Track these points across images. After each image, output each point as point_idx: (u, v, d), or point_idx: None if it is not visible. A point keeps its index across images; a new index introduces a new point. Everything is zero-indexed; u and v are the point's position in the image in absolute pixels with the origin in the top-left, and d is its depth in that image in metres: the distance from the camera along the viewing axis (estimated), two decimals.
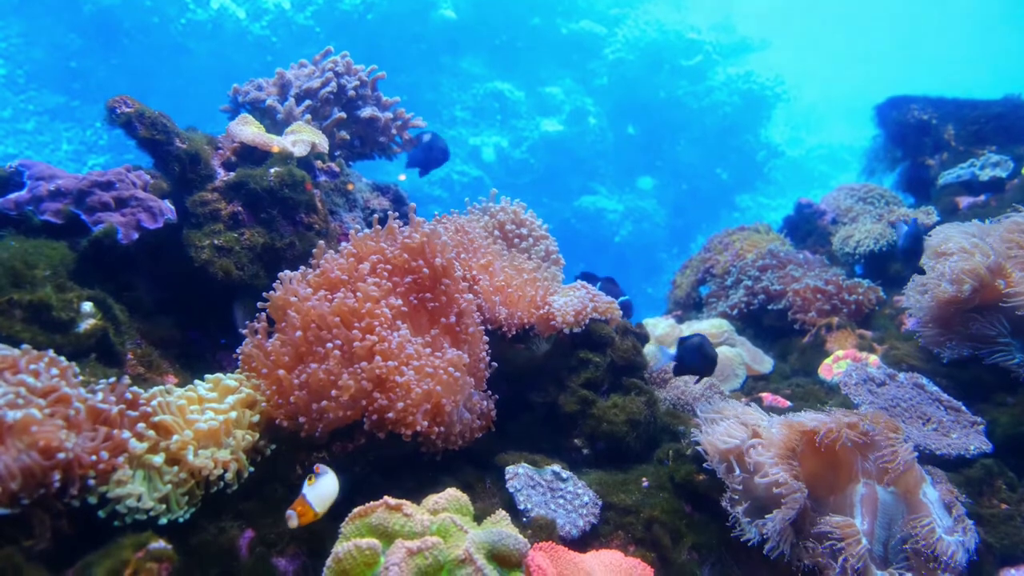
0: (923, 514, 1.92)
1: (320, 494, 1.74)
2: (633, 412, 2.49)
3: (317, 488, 1.75)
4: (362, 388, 2.02)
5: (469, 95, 14.75)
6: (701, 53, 15.50)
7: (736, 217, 15.74)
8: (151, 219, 2.46)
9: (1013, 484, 2.33)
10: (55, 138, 12.31)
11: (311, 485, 1.75)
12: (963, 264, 2.71)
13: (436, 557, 1.53)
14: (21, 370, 1.62)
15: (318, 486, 1.75)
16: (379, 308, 2.16)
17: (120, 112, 2.52)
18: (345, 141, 3.40)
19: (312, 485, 1.75)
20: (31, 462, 1.50)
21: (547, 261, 2.96)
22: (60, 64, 12.45)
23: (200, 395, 2.02)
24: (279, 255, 2.68)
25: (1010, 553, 2.12)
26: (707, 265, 4.52)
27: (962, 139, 4.45)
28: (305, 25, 13.27)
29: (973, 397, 2.76)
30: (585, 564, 1.83)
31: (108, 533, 1.63)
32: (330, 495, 1.76)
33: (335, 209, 3.09)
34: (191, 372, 2.41)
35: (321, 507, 1.73)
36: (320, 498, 1.74)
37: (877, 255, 4.06)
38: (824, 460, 2.07)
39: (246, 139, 2.83)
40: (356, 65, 3.44)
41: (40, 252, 2.19)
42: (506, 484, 2.14)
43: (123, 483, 1.66)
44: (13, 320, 1.95)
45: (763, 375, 3.48)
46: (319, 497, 1.74)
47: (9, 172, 2.42)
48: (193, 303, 2.64)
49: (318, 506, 1.73)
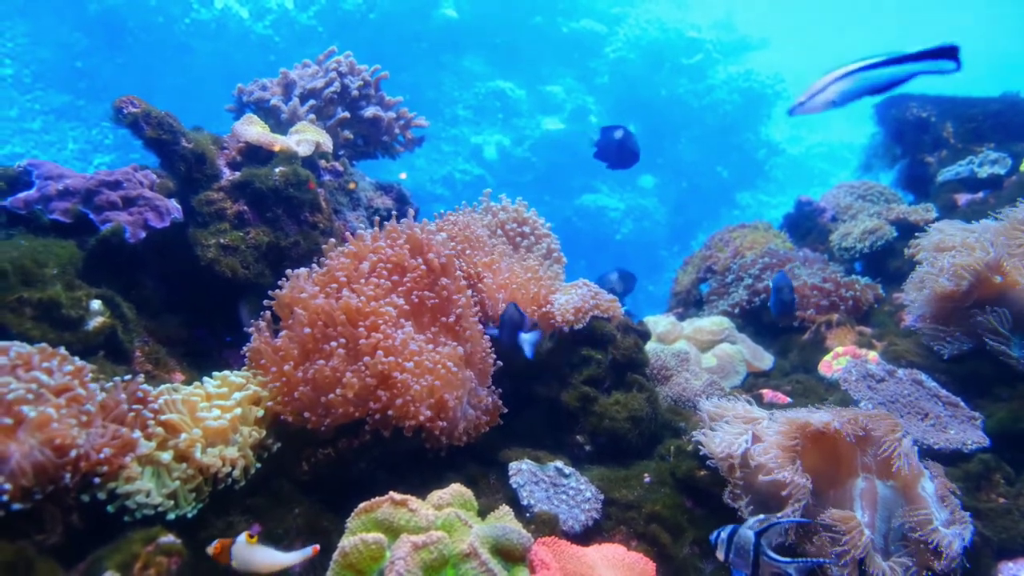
0: (921, 507, 1.94)
1: (245, 558, 1.65)
2: (635, 409, 2.51)
3: (250, 552, 1.65)
4: (366, 385, 2.05)
5: (471, 94, 14.76)
6: (702, 52, 15.50)
7: (737, 215, 15.73)
8: (158, 218, 2.49)
9: (1011, 478, 2.35)
10: (61, 137, 12.33)
11: (249, 543, 1.65)
12: (961, 259, 2.73)
13: (441, 551, 1.55)
14: (35, 367, 1.65)
15: (251, 551, 1.66)
16: (383, 306, 2.19)
17: (127, 112, 2.55)
18: (349, 140, 3.42)
19: (249, 545, 1.65)
20: (44, 459, 1.53)
21: (549, 259, 2.98)
22: (66, 64, 12.48)
23: (208, 392, 2.05)
24: (284, 254, 2.71)
25: (1007, 546, 2.15)
26: (708, 263, 4.54)
27: (961, 136, 4.47)
28: (308, 25, 13.30)
29: (971, 392, 2.78)
30: (587, 558, 1.85)
31: (118, 528, 1.66)
32: (251, 563, 1.66)
33: (339, 208, 3.12)
34: (197, 370, 2.43)
35: (236, 563, 1.65)
36: (241, 559, 1.65)
37: (875, 252, 4.08)
38: (824, 455, 2.09)
39: (251, 139, 2.85)
40: (359, 65, 3.46)
41: (49, 251, 2.22)
42: (509, 480, 2.16)
43: (132, 479, 1.69)
44: (23, 318, 1.98)
45: (763, 372, 3.50)
46: (242, 558, 1.65)
47: (18, 171, 2.45)
48: (199, 301, 2.67)
49: (235, 561, 1.64)
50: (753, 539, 1.69)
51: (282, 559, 1.68)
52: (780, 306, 3.30)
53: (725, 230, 4.79)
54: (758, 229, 4.70)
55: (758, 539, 1.69)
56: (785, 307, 3.31)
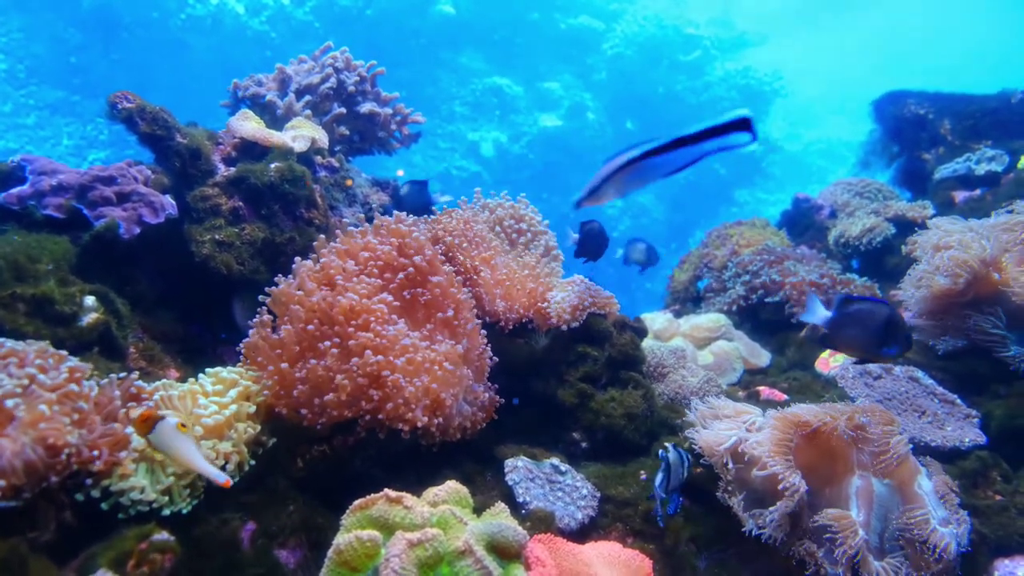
0: (918, 505, 1.94)
1: (167, 440, 1.62)
2: (631, 406, 2.51)
3: (174, 436, 1.63)
4: (359, 385, 2.04)
5: (468, 90, 14.76)
6: (699, 48, 15.53)
7: (734, 212, 15.75)
8: (152, 214, 2.48)
9: (1008, 476, 2.35)
10: (55, 133, 12.31)
11: (179, 429, 1.63)
12: (958, 257, 2.73)
13: (436, 548, 1.55)
14: (28, 363, 1.64)
15: (175, 436, 1.63)
16: (374, 304, 2.18)
17: (121, 108, 2.54)
18: (345, 136, 3.41)
19: (178, 431, 1.63)
20: (36, 457, 1.52)
21: (547, 256, 2.98)
22: (60, 59, 12.45)
23: (204, 388, 2.04)
24: (279, 250, 2.70)
25: (1004, 544, 2.14)
26: (705, 260, 4.53)
27: (958, 133, 4.47)
28: (304, 20, 13.28)
29: (968, 390, 2.78)
30: (584, 555, 1.85)
31: (112, 525, 1.65)
32: (168, 447, 1.63)
33: (335, 204, 3.11)
34: (192, 366, 2.43)
35: (155, 440, 1.63)
36: (162, 439, 1.63)
37: (873, 250, 4.08)
38: (820, 452, 2.09)
39: (246, 134, 2.84)
40: (356, 61, 3.45)
41: (43, 246, 2.21)
42: (505, 477, 2.16)
43: (126, 476, 1.68)
44: (16, 313, 1.97)
45: (761, 369, 3.50)
46: (164, 438, 1.63)
47: (11, 167, 2.44)
48: (194, 297, 2.66)
49: (154, 437, 1.63)
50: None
51: (198, 461, 1.63)
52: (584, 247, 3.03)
53: (722, 227, 4.78)
54: (756, 226, 4.70)
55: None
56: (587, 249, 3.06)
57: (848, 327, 2.19)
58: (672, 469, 1.97)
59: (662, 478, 1.96)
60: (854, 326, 2.18)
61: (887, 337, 2.17)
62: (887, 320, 2.15)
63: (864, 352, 2.25)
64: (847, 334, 2.20)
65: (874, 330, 2.15)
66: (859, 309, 2.19)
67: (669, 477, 1.96)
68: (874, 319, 2.15)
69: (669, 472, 1.97)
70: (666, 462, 1.97)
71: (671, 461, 1.97)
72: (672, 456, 1.98)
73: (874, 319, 2.15)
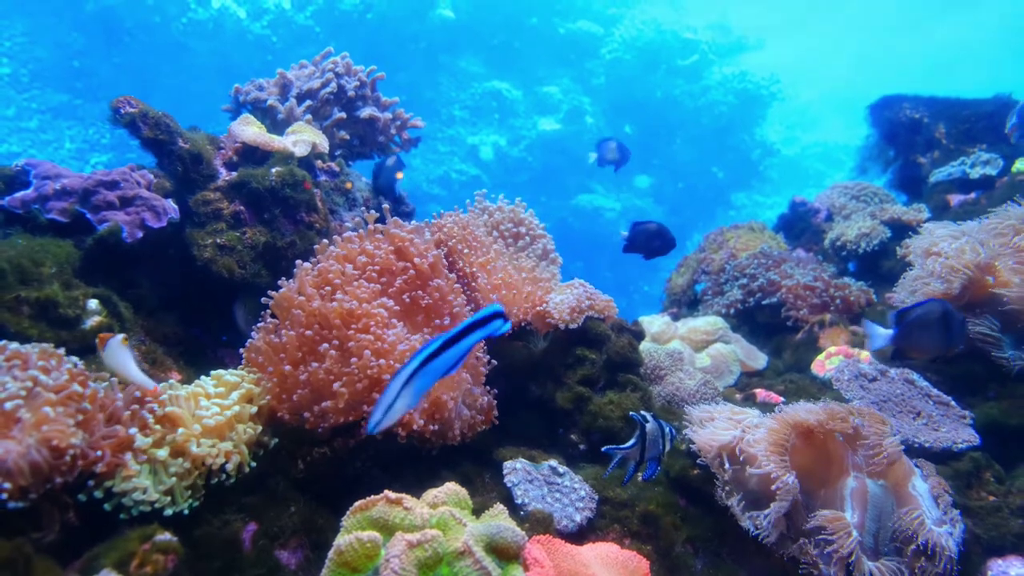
0: (912, 506, 1.96)
1: (112, 354, 1.86)
2: (628, 408, 2.53)
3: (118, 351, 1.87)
4: (357, 391, 2.05)
5: (467, 94, 14.78)
6: (697, 52, 15.55)
7: (732, 215, 15.79)
8: (155, 218, 2.50)
9: (1000, 476, 2.37)
10: (58, 136, 12.32)
11: (122, 344, 1.87)
12: (953, 261, 2.75)
13: (435, 549, 1.57)
14: (32, 366, 1.66)
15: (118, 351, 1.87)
16: (375, 307, 2.20)
17: (124, 112, 2.56)
18: (345, 141, 3.44)
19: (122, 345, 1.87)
20: (41, 458, 1.54)
21: (545, 260, 3.00)
22: (63, 63, 12.47)
23: (206, 391, 2.06)
24: (280, 254, 2.72)
25: (997, 544, 2.16)
26: (702, 263, 4.55)
27: (953, 137, 4.49)
28: (305, 25, 13.30)
29: (962, 391, 2.80)
30: (581, 556, 1.87)
31: (114, 525, 1.67)
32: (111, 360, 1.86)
33: (335, 208, 3.13)
34: (194, 369, 2.45)
35: (104, 356, 1.86)
36: (109, 353, 1.86)
37: (869, 253, 4.10)
38: (814, 454, 2.11)
39: (248, 139, 2.86)
40: (356, 66, 3.47)
41: (46, 250, 2.23)
42: (504, 479, 2.18)
43: (129, 477, 1.70)
44: (21, 316, 1.99)
45: (757, 371, 3.52)
46: (111, 353, 1.86)
47: (15, 171, 2.46)
48: (196, 301, 2.68)
49: (104, 352, 1.86)
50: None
51: (133, 372, 1.86)
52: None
53: (720, 231, 4.81)
54: (753, 230, 4.73)
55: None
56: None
57: (914, 336, 2.35)
58: (649, 437, 1.95)
59: (634, 441, 1.96)
60: (919, 334, 2.34)
61: (948, 332, 2.34)
62: (942, 317, 2.31)
63: (937, 352, 2.42)
64: (916, 343, 2.38)
65: (937, 331, 2.33)
66: (916, 316, 2.33)
67: (645, 444, 1.95)
68: (932, 320, 2.32)
69: (645, 438, 1.95)
70: (642, 428, 1.95)
71: (648, 429, 1.95)
72: (651, 425, 1.96)
73: (932, 320, 2.32)
